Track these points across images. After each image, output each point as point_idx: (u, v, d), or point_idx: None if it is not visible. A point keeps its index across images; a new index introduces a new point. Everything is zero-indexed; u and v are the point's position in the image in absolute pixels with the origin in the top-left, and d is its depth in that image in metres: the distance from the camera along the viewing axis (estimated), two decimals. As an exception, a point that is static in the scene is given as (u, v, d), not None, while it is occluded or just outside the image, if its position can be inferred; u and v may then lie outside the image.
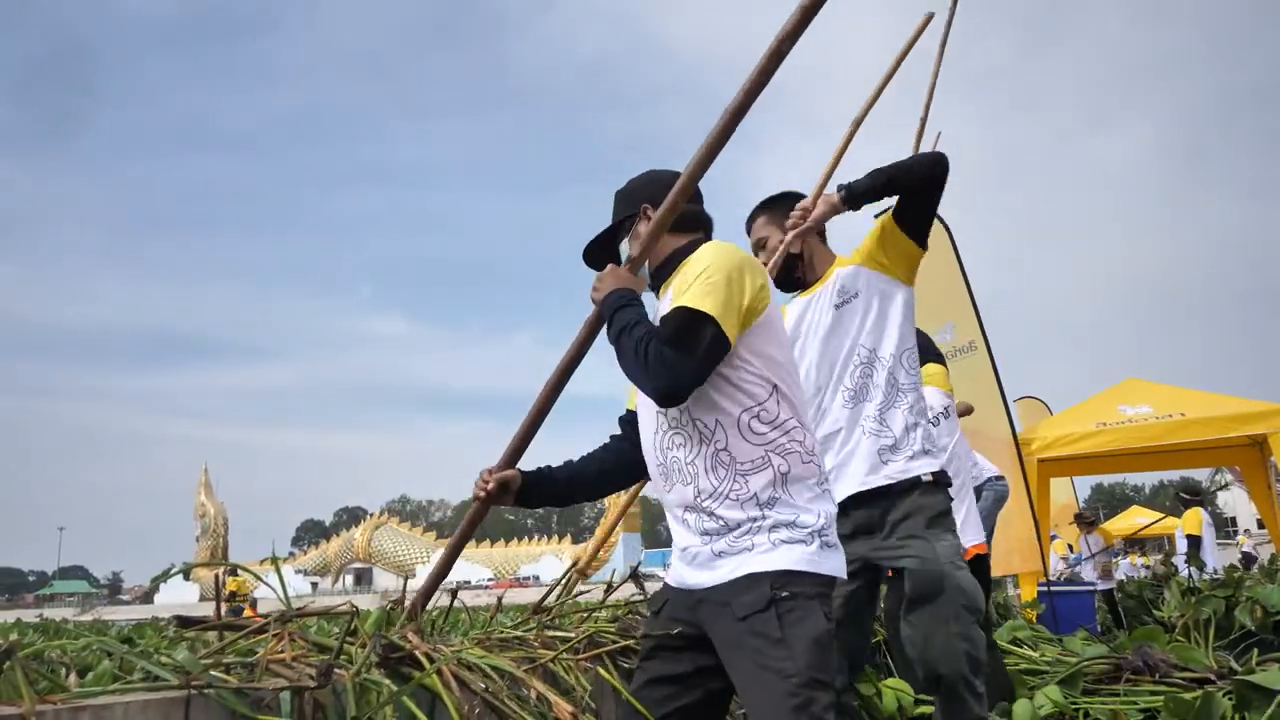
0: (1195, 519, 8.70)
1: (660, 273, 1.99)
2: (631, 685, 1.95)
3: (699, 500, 1.80)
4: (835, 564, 1.79)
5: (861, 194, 2.52)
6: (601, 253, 2.13)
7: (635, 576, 2.90)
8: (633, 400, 2.08)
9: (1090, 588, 6.67)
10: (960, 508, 3.60)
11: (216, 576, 1.86)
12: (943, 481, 2.59)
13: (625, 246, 2.08)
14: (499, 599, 2.61)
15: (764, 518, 1.75)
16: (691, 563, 1.83)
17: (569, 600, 2.65)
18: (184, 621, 1.85)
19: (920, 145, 4.13)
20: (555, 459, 2.22)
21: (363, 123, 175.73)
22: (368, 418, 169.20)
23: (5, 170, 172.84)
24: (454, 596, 2.35)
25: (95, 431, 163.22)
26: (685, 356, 1.70)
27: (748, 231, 2.82)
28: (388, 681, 1.67)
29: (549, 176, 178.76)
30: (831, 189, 2.60)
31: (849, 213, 2.56)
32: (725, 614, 1.73)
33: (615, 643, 2.31)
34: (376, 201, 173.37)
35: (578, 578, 2.78)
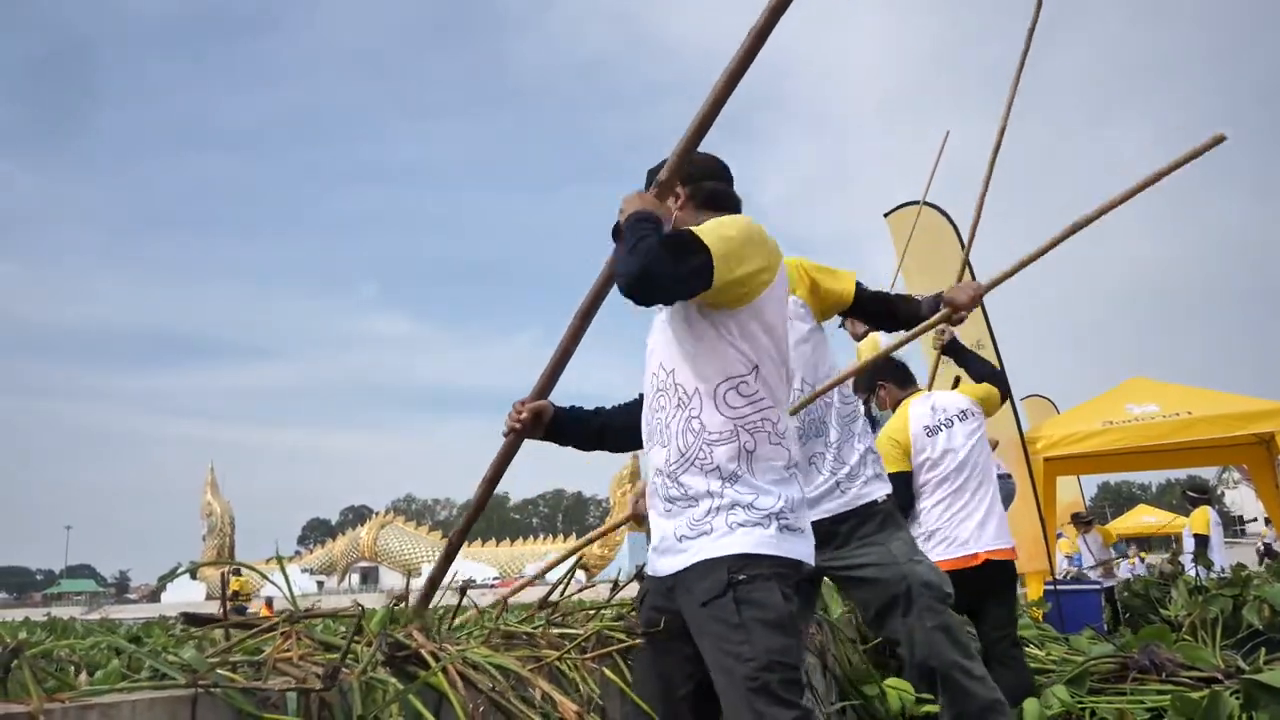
0: (1203, 518, 8.66)
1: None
2: (632, 680, 1.96)
3: (668, 464, 1.82)
4: (798, 548, 1.78)
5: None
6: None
7: (641, 575, 2.89)
8: None
9: (1096, 586, 6.64)
10: (993, 511, 3.64)
11: (223, 575, 1.86)
12: (890, 501, 2.67)
13: None
14: (504, 598, 2.61)
15: (722, 494, 1.75)
16: (661, 551, 1.85)
17: (572, 597, 2.65)
18: (191, 619, 1.85)
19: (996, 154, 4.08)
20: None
21: (364, 122, 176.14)
22: (372, 417, 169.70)
23: (6, 169, 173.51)
24: (463, 594, 2.35)
25: (102, 431, 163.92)
26: (669, 261, 1.70)
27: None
28: (394, 680, 1.67)
29: (550, 176, 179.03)
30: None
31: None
32: (690, 599, 1.75)
33: (621, 641, 2.31)
34: (379, 201, 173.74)
35: (580, 560, 2.79)
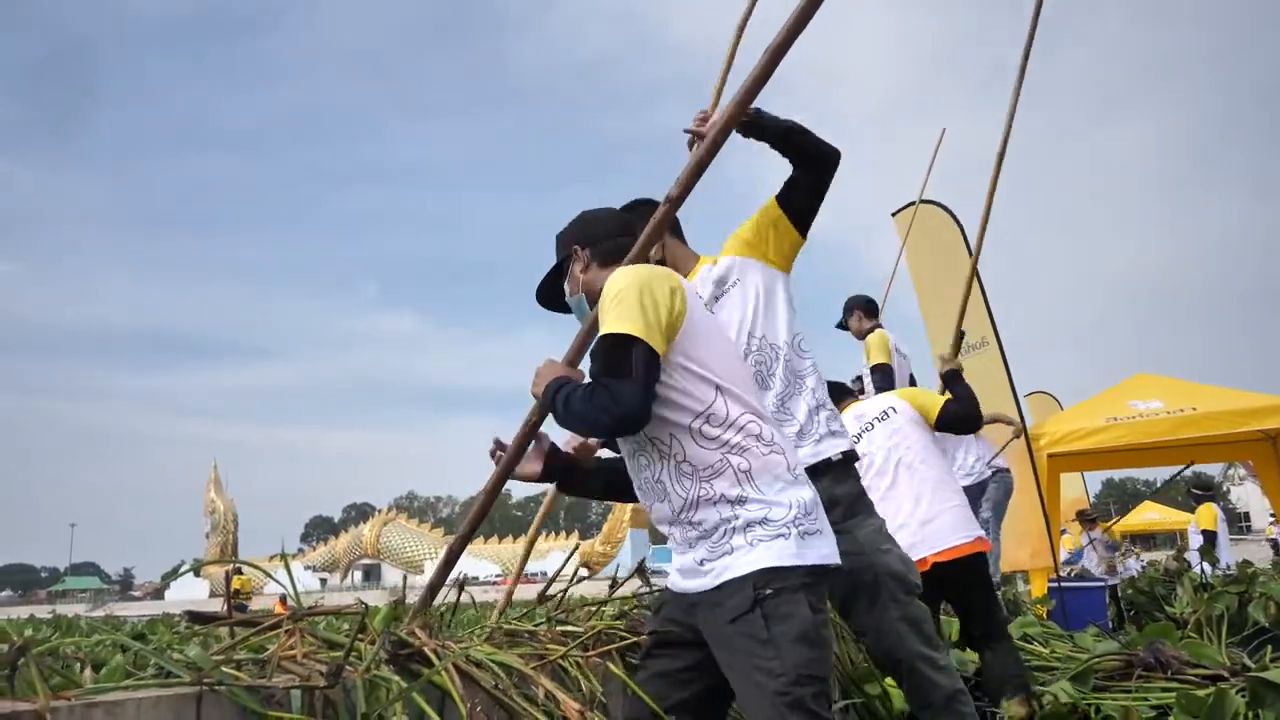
0: (1208, 514, 8.66)
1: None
2: (635, 680, 1.97)
3: (675, 514, 1.85)
4: (821, 551, 1.79)
5: (768, 125, 2.32)
6: (552, 294, 2.18)
7: (642, 572, 2.90)
8: None
9: (1100, 583, 6.63)
10: (939, 509, 3.32)
11: (226, 573, 1.87)
12: (851, 458, 2.52)
13: (566, 287, 2.13)
14: (509, 593, 2.61)
15: (736, 517, 1.77)
16: (685, 573, 1.88)
17: (573, 594, 2.65)
18: (196, 617, 1.85)
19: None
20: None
21: (365, 122, 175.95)
22: (375, 415, 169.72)
23: (8, 169, 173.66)
24: (460, 590, 2.35)
25: (105, 430, 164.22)
26: (625, 381, 1.73)
27: None
28: (397, 678, 1.67)
29: (551, 175, 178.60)
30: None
31: (744, 136, 2.30)
32: (716, 616, 1.78)
33: (623, 639, 2.31)
34: (381, 200, 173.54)
35: (581, 560, 2.78)
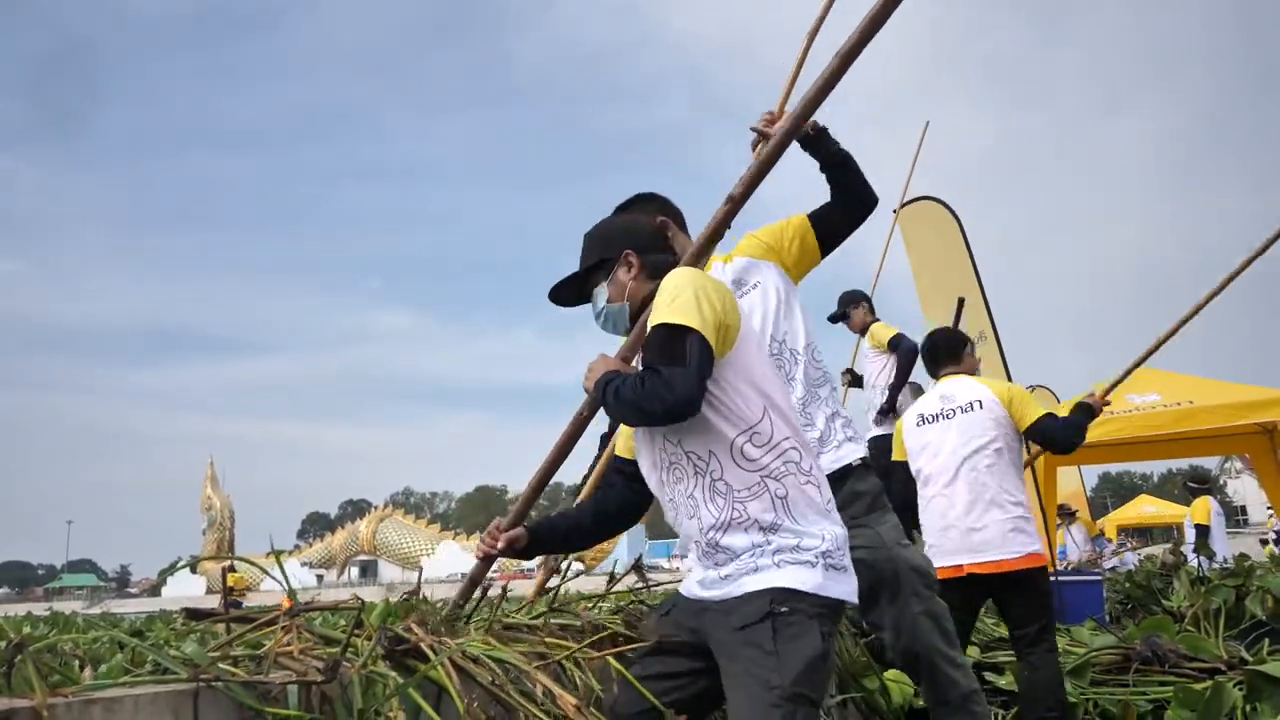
0: (1204, 508, 8.67)
1: (639, 319, 2.00)
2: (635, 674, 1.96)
3: (705, 533, 1.83)
4: (844, 588, 1.78)
5: (831, 146, 2.43)
6: (567, 289, 2.11)
7: (638, 567, 2.90)
8: (624, 446, 2.09)
9: (1098, 577, 6.65)
10: (989, 518, 3.37)
11: (223, 570, 1.86)
12: (869, 465, 2.55)
13: (601, 292, 2.05)
14: (504, 588, 2.61)
15: (768, 543, 1.77)
16: (705, 585, 1.87)
17: (570, 590, 2.65)
18: (193, 614, 1.85)
19: None
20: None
21: (366, 119, 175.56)
22: (372, 411, 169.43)
23: (12, 167, 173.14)
24: (474, 588, 2.33)
25: (102, 426, 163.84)
26: (679, 368, 1.69)
27: None
28: (394, 674, 1.67)
29: (552, 171, 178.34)
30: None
31: (801, 147, 2.43)
32: (725, 622, 1.77)
33: (621, 634, 2.30)
34: (380, 197, 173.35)
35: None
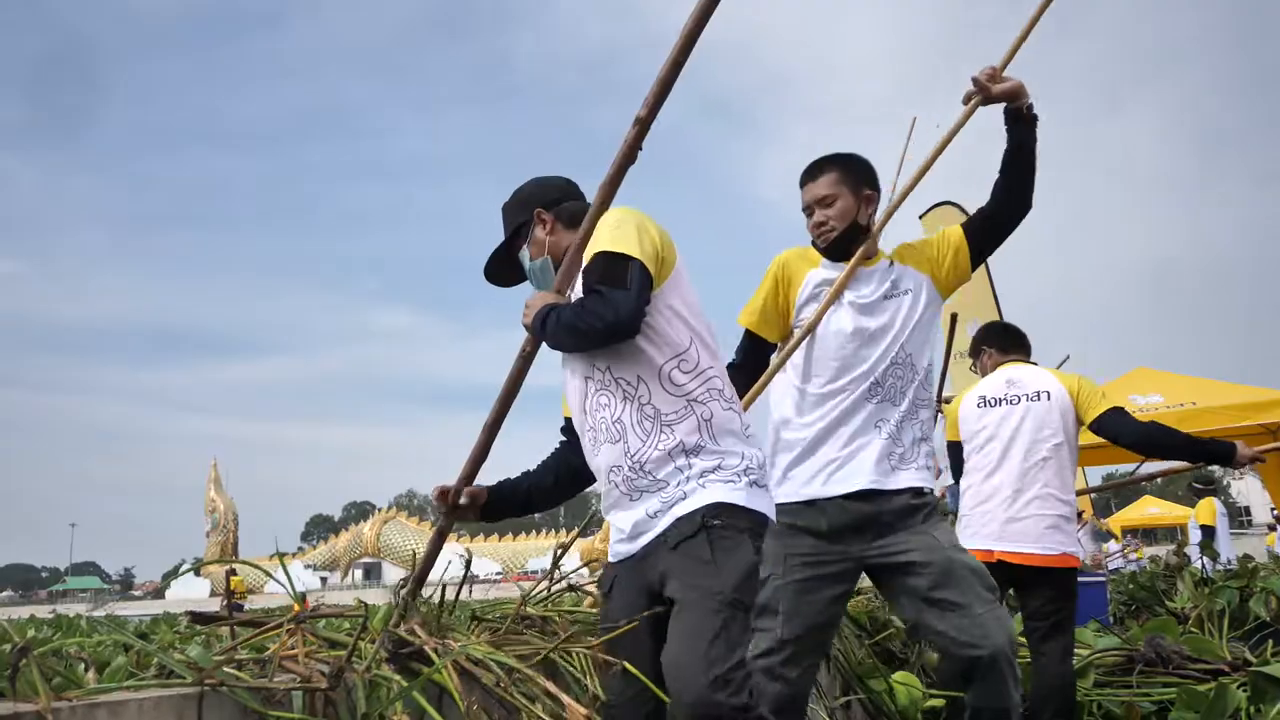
0: (1209, 509, 8.66)
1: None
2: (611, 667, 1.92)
3: (629, 456, 1.82)
4: (765, 504, 1.82)
5: (1033, 133, 2.47)
6: (501, 267, 2.12)
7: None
8: (567, 407, 2.08)
9: (1101, 578, 6.63)
10: (1033, 511, 3.30)
11: (226, 573, 1.87)
12: (929, 489, 2.59)
13: (525, 254, 2.06)
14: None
15: (689, 465, 1.78)
16: (632, 536, 1.85)
17: (564, 590, 2.65)
18: (198, 617, 1.85)
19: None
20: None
21: (366, 117, 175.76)
22: (375, 412, 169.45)
23: (13, 166, 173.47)
24: (461, 588, 2.33)
25: (105, 428, 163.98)
26: (620, 292, 1.71)
27: (804, 183, 2.58)
28: (398, 677, 1.67)
29: (553, 168, 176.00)
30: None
31: (1008, 121, 2.47)
32: (663, 549, 1.78)
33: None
34: (381, 195, 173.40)
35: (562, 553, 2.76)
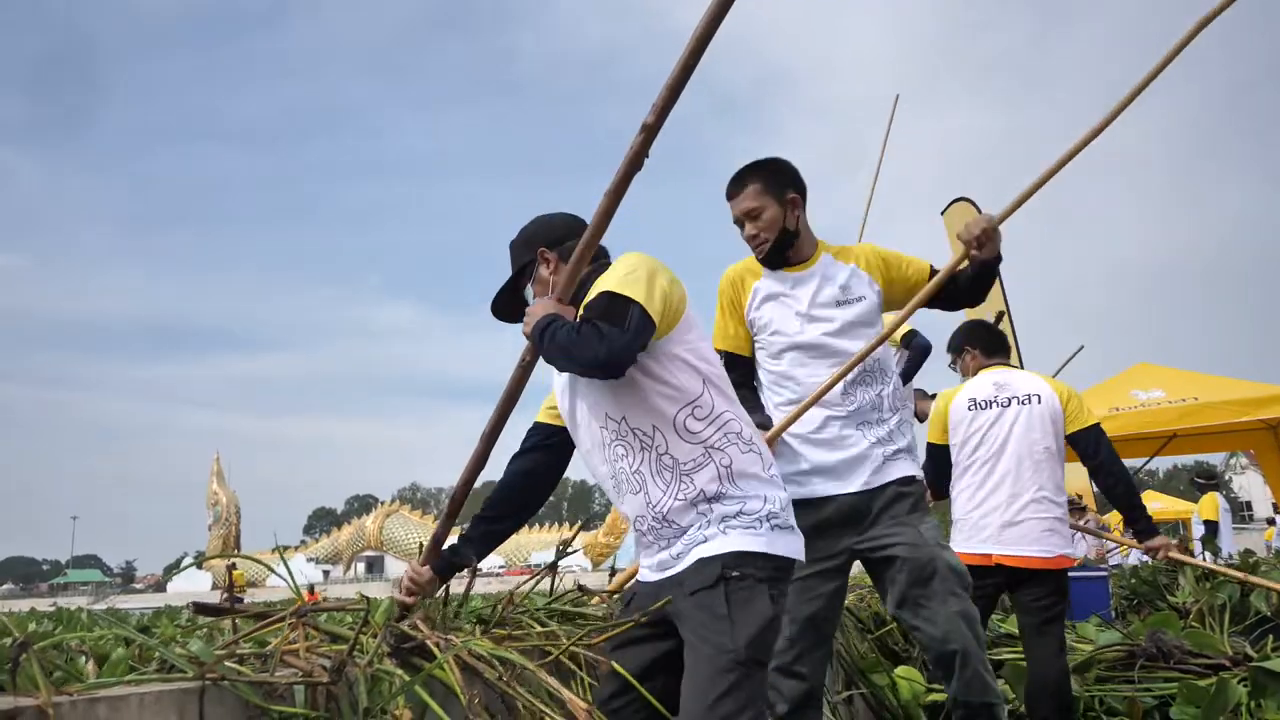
0: (1211, 504, 8.66)
1: (573, 302, 1.96)
2: (607, 670, 1.93)
3: (650, 506, 1.84)
4: (789, 546, 1.82)
5: (996, 266, 2.54)
6: (509, 303, 2.14)
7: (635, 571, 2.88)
8: (546, 413, 2.08)
9: (1103, 573, 6.63)
10: (1028, 514, 3.32)
11: (228, 567, 1.86)
12: (918, 478, 2.66)
13: (529, 292, 2.08)
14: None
15: (710, 510, 1.79)
16: (656, 569, 1.89)
17: (572, 587, 2.65)
18: (201, 609, 1.85)
19: None
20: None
21: (368, 114, 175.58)
22: (378, 406, 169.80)
23: (18, 163, 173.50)
24: (472, 581, 2.32)
25: (107, 421, 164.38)
26: (616, 330, 1.71)
27: (730, 197, 2.58)
28: (399, 672, 1.67)
29: (554, 165, 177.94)
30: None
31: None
32: (679, 593, 1.79)
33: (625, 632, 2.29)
34: (383, 191, 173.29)
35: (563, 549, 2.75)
